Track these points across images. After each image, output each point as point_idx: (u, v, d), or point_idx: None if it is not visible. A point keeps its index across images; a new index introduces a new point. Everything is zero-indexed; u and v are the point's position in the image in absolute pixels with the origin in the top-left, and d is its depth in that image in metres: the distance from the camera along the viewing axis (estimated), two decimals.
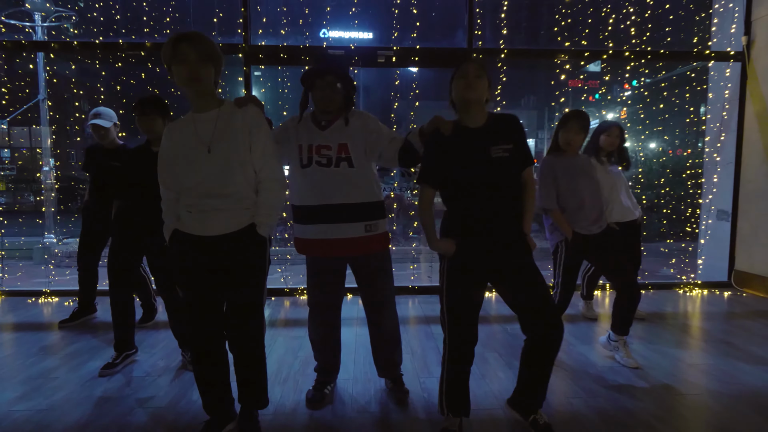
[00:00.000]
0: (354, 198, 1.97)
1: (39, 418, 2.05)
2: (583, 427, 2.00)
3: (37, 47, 4.16)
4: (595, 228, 2.48)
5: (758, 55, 4.19)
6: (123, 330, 2.61)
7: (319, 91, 1.94)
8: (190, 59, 1.61)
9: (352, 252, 2.03)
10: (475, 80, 1.72)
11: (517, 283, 1.80)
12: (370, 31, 16.90)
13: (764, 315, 3.61)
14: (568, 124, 2.46)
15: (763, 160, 4.15)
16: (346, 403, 2.19)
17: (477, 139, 1.75)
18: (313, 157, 1.96)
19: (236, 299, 1.78)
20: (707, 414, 2.13)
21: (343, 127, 1.99)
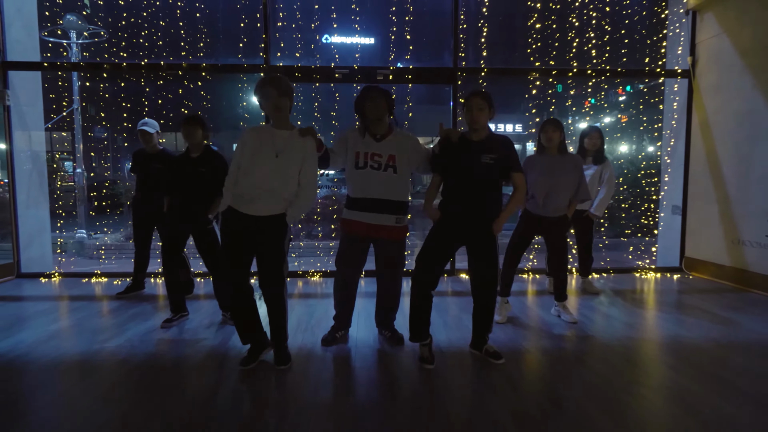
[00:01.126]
0: (392, 197, 2.68)
1: (123, 351, 2.77)
2: (528, 359, 2.71)
3: (92, 68, 4.89)
4: (549, 212, 3.21)
5: (701, 72, 4.92)
6: (176, 297, 3.33)
7: (369, 103, 2.64)
8: (272, 96, 2.38)
9: (383, 235, 2.71)
10: (478, 113, 2.49)
11: (473, 256, 2.57)
12: (371, 37, 17.61)
13: (700, 291, 4.32)
14: (546, 127, 3.23)
15: (705, 162, 4.87)
16: (354, 341, 2.92)
17: (475, 149, 2.51)
18: (368, 162, 2.66)
19: (265, 263, 2.49)
20: (620, 350, 2.84)
21: (392, 141, 2.69)
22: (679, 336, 3.07)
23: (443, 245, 2.56)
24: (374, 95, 2.65)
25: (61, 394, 2.24)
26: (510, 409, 2.10)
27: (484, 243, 2.55)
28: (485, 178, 2.49)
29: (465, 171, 2.50)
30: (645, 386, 2.34)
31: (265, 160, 2.41)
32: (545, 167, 3.21)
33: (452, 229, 2.55)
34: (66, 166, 16.66)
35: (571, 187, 3.26)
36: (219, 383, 2.36)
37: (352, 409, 2.10)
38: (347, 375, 2.47)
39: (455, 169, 2.53)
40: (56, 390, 2.29)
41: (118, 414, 2.05)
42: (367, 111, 2.67)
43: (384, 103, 2.65)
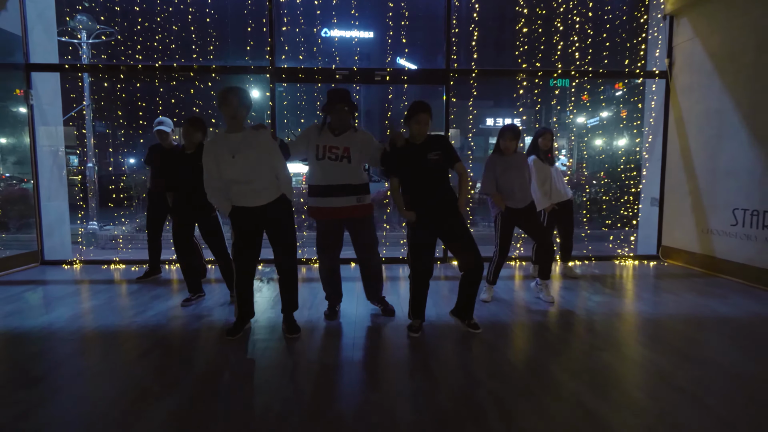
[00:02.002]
0: (349, 181, 3.07)
1: (151, 324, 3.16)
2: (505, 331, 3.10)
3: (110, 70, 5.24)
4: (521, 204, 3.58)
5: (677, 73, 5.28)
6: (192, 279, 3.70)
7: (335, 114, 3.07)
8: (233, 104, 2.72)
9: (348, 215, 3.10)
10: (424, 127, 2.88)
11: (452, 234, 2.95)
12: (370, 30, 17.79)
13: (672, 276, 4.71)
14: (505, 135, 3.56)
15: (679, 158, 5.24)
16: (352, 317, 3.30)
17: (420, 150, 2.89)
18: (326, 154, 3.05)
19: (280, 239, 2.89)
20: (588, 323, 3.22)
21: (350, 136, 3.10)
22: (647, 313, 3.45)
23: (424, 237, 2.93)
24: (339, 108, 3.01)
25: (102, 360, 2.62)
26: (486, 368, 2.49)
27: (458, 223, 2.91)
28: (435, 171, 2.88)
29: (416, 169, 2.89)
30: (608, 352, 2.72)
31: (229, 163, 2.74)
32: (514, 164, 3.56)
33: (426, 221, 2.91)
34: (71, 160, 16.85)
35: (526, 179, 3.63)
36: (235, 349, 2.74)
37: (352, 370, 2.48)
38: (348, 343, 2.86)
39: (410, 168, 2.90)
40: (96, 356, 2.67)
41: (146, 380, 2.44)
42: (333, 119, 3.06)
43: (348, 114, 3.05)
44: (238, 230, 2.89)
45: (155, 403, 2.09)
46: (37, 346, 2.79)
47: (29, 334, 2.97)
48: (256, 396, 2.18)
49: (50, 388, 2.23)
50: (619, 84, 20.74)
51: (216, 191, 2.85)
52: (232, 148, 2.76)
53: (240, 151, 2.75)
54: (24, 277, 4.63)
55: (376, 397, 2.16)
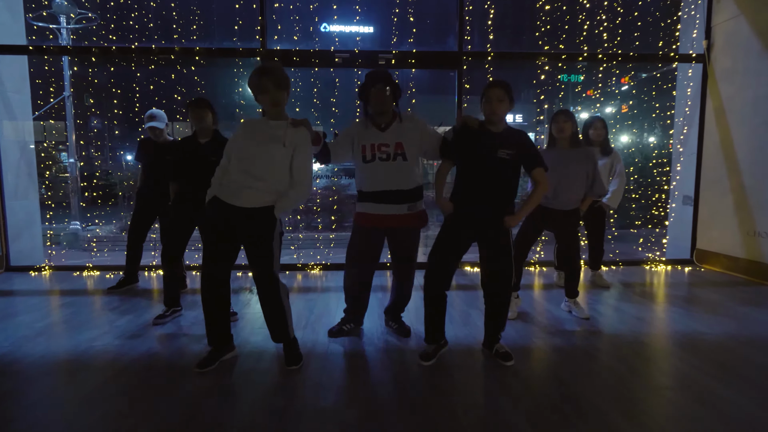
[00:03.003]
0: (403, 186, 2.56)
1: (114, 350, 2.62)
2: (539, 356, 2.57)
3: (80, 51, 4.68)
4: (557, 205, 3.04)
5: (717, 57, 4.72)
6: (172, 291, 3.16)
7: (374, 96, 2.51)
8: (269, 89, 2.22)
9: (394, 224, 2.60)
10: (497, 104, 2.32)
11: (486, 252, 2.43)
12: (370, 25, 17.31)
13: (714, 284, 4.17)
14: (556, 117, 3.05)
15: (719, 151, 4.69)
16: (358, 338, 2.76)
17: (492, 141, 2.35)
18: (375, 154, 2.54)
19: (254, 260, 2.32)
20: (637, 348, 2.69)
21: (398, 128, 2.56)
22: (695, 332, 2.92)
23: (455, 240, 2.41)
24: (380, 86, 2.51)
25: (46, 397, 2.09)
26: (524, 410, 1.96)
27: (497, 238, 2.40)
28: (500, 173, 2.35)
29: (479, 162, 2.35)
30: (666, 386, 2.19)
31: (258, 149, 2.25)
32: (555, 159, 3.03)
33: (464, 224, 2.40)
34: (62, 157, 16.34)
35: (584, 180, 3.09)
36: (215, 384, 2.20)
37: (355, 414, 1.95)
38: (351, 375, 2.32)
39: (470, 158, 2.37)
40: (40, 392, 2.13)
41: (104, 420, 1.90)
42: (372, 103, 2.55)
43: (390, 95, 2.53)
44: (211, 228, 2.33)
45: None
46: None
47: None
48: None
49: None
50: (625, 78, 20.05)
51: (221, 178, 2.33)
52: (272, 135, 2.26)
53: (278, 142, 2.25)
54: None
55: None
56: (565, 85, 12.51)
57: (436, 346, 2.51)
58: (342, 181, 9.51)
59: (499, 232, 2.39)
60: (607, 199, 3.80)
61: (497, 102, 2.31)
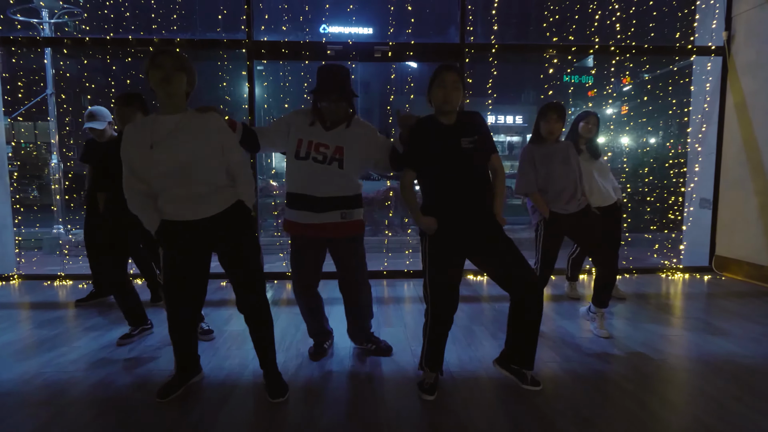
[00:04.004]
0: (336, 192, 2.24)
1: (66, 377, 2.27)
2: (556, 384, 2.22)
3: (51, 43, 4.34)
4: (571, 207, 2.69)
5: (738, 49, 4.39)
6: (131, 313, 2.80)
7: (327, 105, 2.21)
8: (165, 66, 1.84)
9: (330, 234, 2.28)
10: (453, 92, 1.99)
11: (494, 251, 2.05)
12: (369, 27, 17.05)
13: (738, 295, 3.83)
14: (548, 114, 2.67)
15: (741, 150, 4.36)
16: (343, 357, 2.42)
17: (450, 133, 2.03)
18: (310, 152, 2.21)
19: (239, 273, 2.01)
20: (666, 373, 2.35)
21: (343, 131, 2.25)
22: (728, 353, 2.57)
23: (448, 255, 2.05)
24: (335, 98, 2.18)
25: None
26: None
27: (499, 234, 2.06)
28: (470, 165, 2.02)
29: (446, 162, 2.01)
30: (704, 422, 1.85)
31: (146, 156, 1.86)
32: (551, 156, 2.69)
33: (452, 233, 2.03)
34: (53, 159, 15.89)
35: (577, 174, 2.76)
36: (181, 420, 1.86)
37: None
38: (334, 408, 1.98)
39: (432, 161, 2.04)
40: None
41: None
42: (325, 111, 2.23)
43: (345, 109, 2.25)
44: (170, 257, 1.99)
45: None
46: None
47: None
48: None
49: None
50: (626, 79, 19.70)
51: (137, 197, 1.94)
52: (159, 134, 1.87)
53: (170, 138, 1.86)
54: None
55: None
56: (574, 86, 12.18)
57: (436, 375, 2.16)
58: None
59: (496, 226, 2.06)
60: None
61: (453, 89, 1.99)
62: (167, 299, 2.02)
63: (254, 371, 2.31)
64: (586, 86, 13.31)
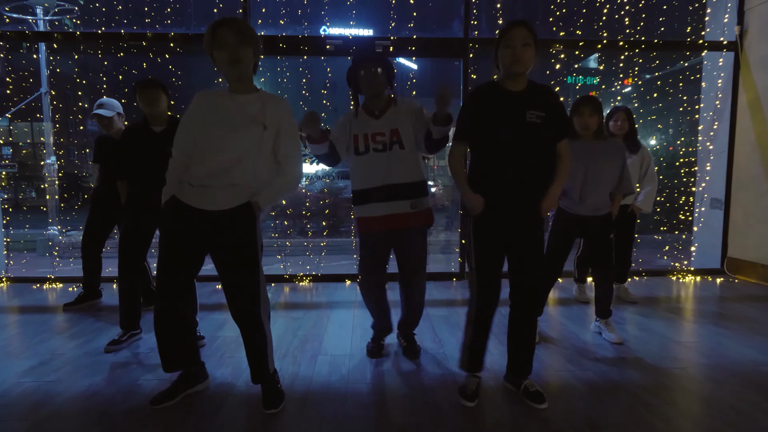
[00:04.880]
0: (404, 179, 2.20)
1: (47, 387, 2.13)
2: (570, 395, 2.07)
3: (41, 38, 4.21)
4: (586, 210, 2.56)
5: (751, 44, 4.25)
6: (130, 309, 2.68)
7: (364, 79, 2.15)
8: (229, 42, 1.71)
9: (401, 225, 2.23)
10: (522, 51, 1.76)
11: (519, 252, 1.91)
12: (369, 28, 16.99)
13: (753, 298, 3.68)
14: (580, 109, 2.53)
15: (755, 148, 4.21)
16: (344, 378, 2.27)
17: (516, 102, 1.82)
18: (369, 144, 2.20)
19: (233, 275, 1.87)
20: (687, 383, 2.20)
21: (393, 114, 2.21)
22: (749, 360, 2.43)
23: (497, 243, 1.90)
24: (369, 65, 2.15)
25: None
26: None
27: (532, 239, 1.90)
28: (532, 142, 1.82)
29: (505, 134, 1.81)
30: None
31: (228, 133, 1.76)
32: (581, 153, 2.53)
33: (498, 221, 1.88)
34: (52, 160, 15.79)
35: (613, 178, 2.61)
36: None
37: None
38: (336, 425, 1.83)
39: (489, 131, 1.83)
40: None
41: None
42: (362, 85, 2.19)
43: (383, 74, 2.17)
44: (169, 236, 1.84)
45: None
46: None
47: None
48: None
49: None
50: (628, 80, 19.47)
51: (180, 164, 1.84)
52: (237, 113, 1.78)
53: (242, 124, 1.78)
54: None
55: None
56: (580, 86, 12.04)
57: (479, 378, 2.05)
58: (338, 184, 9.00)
59: (535, 230, 1.90)
60: (641, 202, 3.30)
61: (522, 47, 1.75)
62: (160, 287, 1.86)
63: (247, 380, 2.17)
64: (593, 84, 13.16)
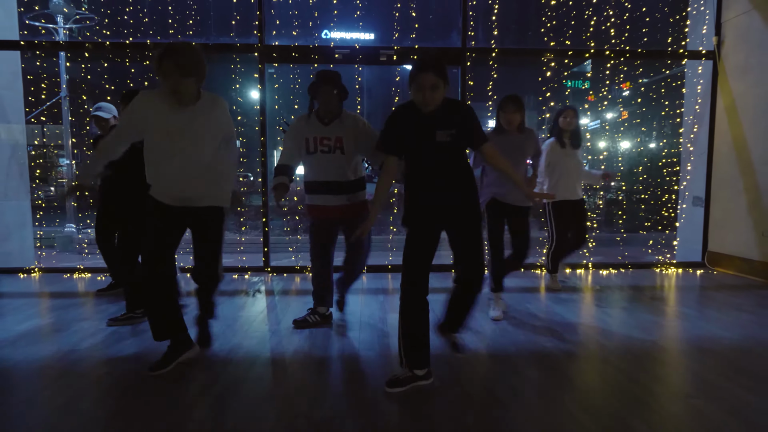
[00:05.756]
0: (342, 177, 2.73)
1: (98, 353, 2.45)
2: (553, 363, 2.40)
3: (73, 47, 4.56)
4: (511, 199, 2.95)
5: (727, 53, 4.59)
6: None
7: (322, 97, 2.65)
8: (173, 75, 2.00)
9: (340, 215, 2.77)
10: (430, 93, 1.93)
11: (457, 244, 2.13)
12: (371, 32, 17.31)
13: (729, 288, 4.00)
14: (506, 106, 2.89)
15: (732, 149, 4.54)
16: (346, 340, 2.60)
17: (426, 124, 2.00)
18: (318, 146, 2.70)
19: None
20: (659, 355, 2.52)
21: (339, 124, 2.70)
22: (729, 339, 2.73)
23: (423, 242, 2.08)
24: (328, 87, 2.63)
25: (22, 402, 1.92)
26: (531, 419, 1.79)
27: (467, 231, 2.10)
28: (444, 159, 2.03)
29: (418, 153, 2.03)
30: (702, 400, 2.02)
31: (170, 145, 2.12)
32: (508, 146, 2.84)
33: (426, 222, 2.09)
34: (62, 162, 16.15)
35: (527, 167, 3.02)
36: (203, 390, 2.04)
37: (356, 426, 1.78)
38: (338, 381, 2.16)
39: (408, 151, 2.07)
40: (18, 397, 1.97)
41: (86, 426, 1.74)
42: (320, 100, 2.69)
43: (336, 95, 2.66)
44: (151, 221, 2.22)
45: None
46: None
47: None
48: None
49: None
50: (626, 84, 19.85)
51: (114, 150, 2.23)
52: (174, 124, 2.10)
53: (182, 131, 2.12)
54: None
55: None
56: (571, 90, 12.44)
57: (412, 375, 2.07)
58: None
59: (467, 224, 2.10)
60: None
61: (428, 90, 1.92)
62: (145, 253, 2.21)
63: (274, 351, 2.49)
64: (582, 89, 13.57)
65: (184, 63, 2.00)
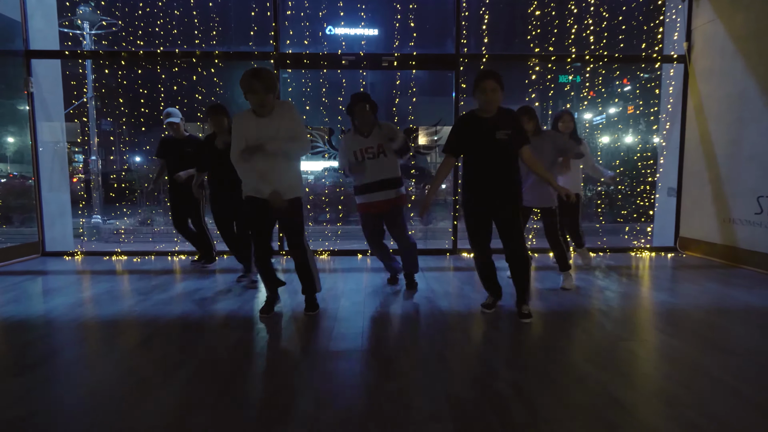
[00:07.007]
0: (387, 175, 3.37)
1: (151, 313, 3.03)
2: (547, 321, 2.95)
3: (111, 56, 5.12)
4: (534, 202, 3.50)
5: (696, 58, 5.08)
6: (247, 255, 3.65)
7: (358, 114, 3.29)
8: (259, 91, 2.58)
9: (389, 207, 3.40)
10: (492, 95, 2.64)
11: (501, 228, 2.83)
12: (375, 28, 17.67)
13: (691, 267, 4.52)
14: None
15: (699, 145, 5.04)
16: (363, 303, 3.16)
17: (488, 126, 2.70)
18: (364, 156, 3.36)
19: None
20: (624, 316, 3.06)
21: (377, 133, 3.36)
22: (670, 303, 3.27)
23: (478, 222, 2.83)
24: (361, 106, 3.25)
25: (100, 347, 2.50)
26: (503, 358, 2.34)
27: (509, 218, 2.76)
28: (502, 154, 2.71)
29: (482, 150, 2.72)
30: (633, 342, 2.56)
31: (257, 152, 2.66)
32: None
33: (481, 207, 2.80)
34: (76, 157, 16.78)
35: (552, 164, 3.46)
36: (241, 339, 2.61)
37: (363, 358, 2.34)
38: (364, 326, 2.72)
39: (472, 150, 2.76)
40: (94, 344, 2.55)
41: (145, 369, 2.31)
42: (357, 118, 3.32)
43: (369, 113, 3.29)
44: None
45: (153, 391, 1.96)
46: (33, 334, 2.67)
47: (26, 323, 2.85)
48: (262, 382, 2.05)
49: (45, 376, 2.11)
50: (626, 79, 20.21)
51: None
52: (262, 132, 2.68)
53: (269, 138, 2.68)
54: (24, 267, 4.54)
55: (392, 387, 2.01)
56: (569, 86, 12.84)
57: (494, 299, 3.03)
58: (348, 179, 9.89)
59: (511, 213, 2.76)
60: None
61: (491, 92, 2.63)
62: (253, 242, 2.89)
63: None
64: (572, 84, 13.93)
65: (268, 82, 2.57)
